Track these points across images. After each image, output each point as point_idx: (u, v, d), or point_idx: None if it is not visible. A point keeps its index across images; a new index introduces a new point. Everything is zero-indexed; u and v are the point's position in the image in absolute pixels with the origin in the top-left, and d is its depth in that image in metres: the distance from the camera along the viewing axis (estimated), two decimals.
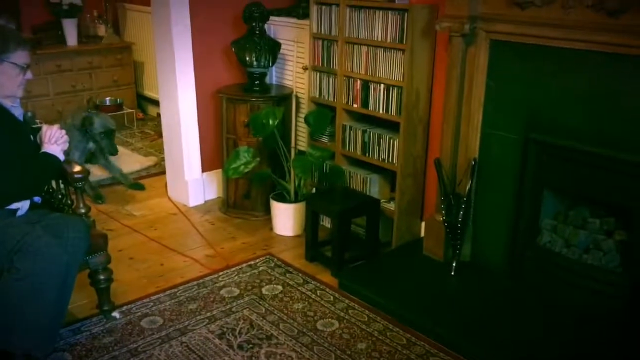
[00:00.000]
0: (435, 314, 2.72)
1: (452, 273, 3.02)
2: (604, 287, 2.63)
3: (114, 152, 4.19)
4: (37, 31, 5.56)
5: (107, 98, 5.66)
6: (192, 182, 4.00)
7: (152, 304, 2.86)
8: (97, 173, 4.31)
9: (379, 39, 3.17)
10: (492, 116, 2.90)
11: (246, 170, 3.48)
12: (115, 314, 2.75)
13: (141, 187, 4.30)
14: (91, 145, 4.15)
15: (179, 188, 4.07)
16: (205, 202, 4.06)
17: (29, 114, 4.82)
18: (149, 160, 4.85)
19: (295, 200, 3.57)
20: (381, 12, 3.12)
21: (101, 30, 5.91)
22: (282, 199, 3.60)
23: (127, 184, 4.30)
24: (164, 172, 4.29)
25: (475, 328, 2.62)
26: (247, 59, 3.69)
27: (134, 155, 5.00)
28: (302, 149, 3.81)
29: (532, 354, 2.48)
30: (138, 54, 5.97)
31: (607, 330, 2.56)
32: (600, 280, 2.64)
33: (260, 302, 2.89)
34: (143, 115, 6.06)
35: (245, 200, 3.81)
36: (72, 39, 5.59)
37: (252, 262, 3.26)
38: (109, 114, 5.53)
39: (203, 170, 4.05)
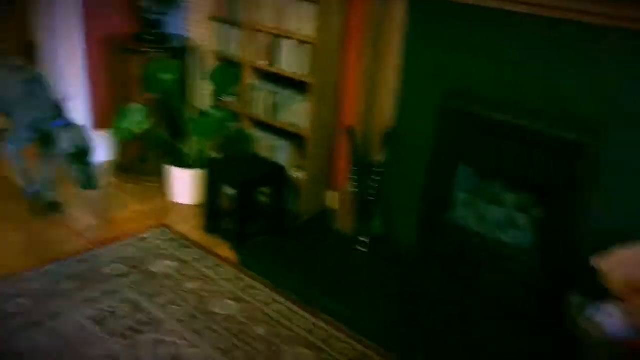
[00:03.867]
0: (340, 294, 2.52)
1: (362, 249, 2.82)
2: (516, 265, 2.51)
3: None
4: None
5: None
6: None
7: (22, 282, 2.48)
8: None
9: None
10: (410, 82, 2.68)
11: (139, 131, 3.09)
12: None
13: None
14: None
15: None
16: (96, 164, 3.63)
17: None
18: None
19: (196, 166, 3.24)
20: None
21: None
22: (180, 163, 3.26)
23: None
24: None
25: (380, 308, 2.45)
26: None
27: None
28: (205, 109, 3.45)
29: (437, 333, 2.33)
30: None
31: (518, 308, 2.45)
32: (514, 258, 2.52)
33: (149, 281, 2.58)
34: None
35: (140, 164, 3.43)
36: None
37: (144, 235, 2.93)
38: None
39: (94, 129, 3.61)
